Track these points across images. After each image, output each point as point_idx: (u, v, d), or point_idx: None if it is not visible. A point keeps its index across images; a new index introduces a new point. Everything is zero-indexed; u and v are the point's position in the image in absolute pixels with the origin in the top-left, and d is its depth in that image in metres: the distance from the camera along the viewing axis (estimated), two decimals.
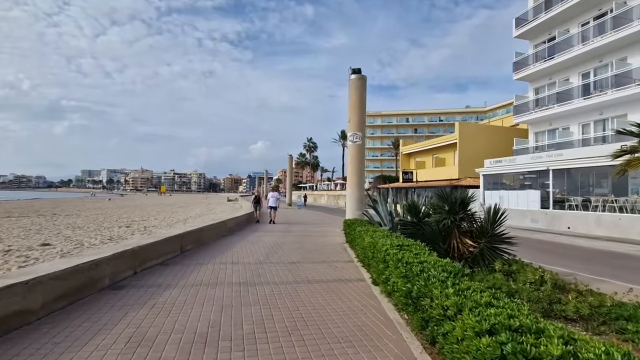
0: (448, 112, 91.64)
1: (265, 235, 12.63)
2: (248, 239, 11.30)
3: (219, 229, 11.50)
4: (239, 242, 10.67)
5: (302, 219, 21.64)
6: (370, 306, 4.79)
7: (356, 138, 14.09)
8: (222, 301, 4.77)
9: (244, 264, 7.44)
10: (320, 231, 14.58)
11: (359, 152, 14.12)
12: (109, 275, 5.25)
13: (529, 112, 24.51)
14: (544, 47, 24.13)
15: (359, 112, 14.13)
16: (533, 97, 24.94)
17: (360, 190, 14.11)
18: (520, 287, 5.16)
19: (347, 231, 10.24)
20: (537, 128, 24.82)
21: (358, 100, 14.16)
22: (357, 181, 13.99)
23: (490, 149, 27.27)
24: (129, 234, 14.23)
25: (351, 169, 14.07)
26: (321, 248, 9.85)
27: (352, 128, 14.12)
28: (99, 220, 20.94)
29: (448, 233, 6.83)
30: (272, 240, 11.29)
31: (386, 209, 9.91)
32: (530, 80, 25.14)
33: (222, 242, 10.41)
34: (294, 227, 16.16)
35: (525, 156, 21.31)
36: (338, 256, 8.69)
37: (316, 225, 17.13)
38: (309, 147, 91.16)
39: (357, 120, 14.12)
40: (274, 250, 9.31)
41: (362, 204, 14.19)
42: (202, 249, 9.08)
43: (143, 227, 16.72)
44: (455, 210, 6.79)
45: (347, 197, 14.12)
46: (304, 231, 14.42)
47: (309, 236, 12.66)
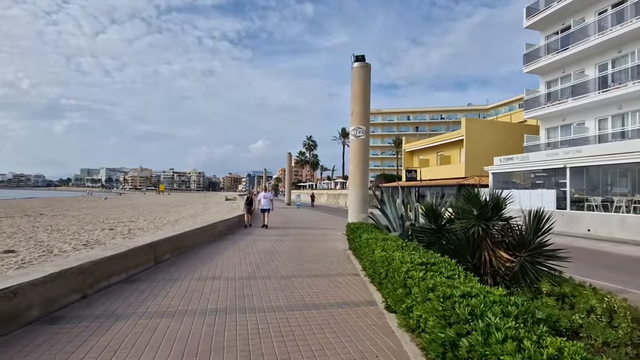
0: (450, 109, 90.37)
1: (259, 240, 11.34)
2: (239, 245, 10.01)
3: (206, 234, 10.22)
4: (227, 248, 9.37)
5: (301, 219, 20.36)
6: (388, 349, 3.51)
7: (359, 132, 12.79)
8: (185, 344, 3.48)
9: (228, 279, 6.15)
10: (320, 234, 13.29)
11: (363, 148, 12.84)
12: (41, 304, 3.97)
13: (540, 107, 23.21)
14: (556, 38, 22.82)
15: (362, 103, 12.83)
16: (545, 91, 23.65)
17: (364, 190, 12.82)
18: (586, 321, 3.87)
19: (350, 237, 8.96)
20: (549, 124, 23.52)
21: (361, 90, 12.87)
22: (360, 180, 12.71)
23: (498, 146, 25.96)
24: (109, 238, 12.94)
25: (354, 166, 12.79)
26: (321, 256, 8.57)
27: (354, 121, 12.83)
28: (85, 221, 19.66)
29: (477, 243, 5.54)
30: (266, 246, 10.00)
31: (395, 212, 8.63)
32: (542, 73, 23.83)
33: (208, 249, 9.12)
34: (291, 230, 14.87)
35: (539, 153, 20.01)
36: (341, 267, 7.41)
37: (316, 228, 15.84)
38: (309, 146, 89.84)
39: (360, 112, 12.83)
40: (267, 259, 8.03)
41: (366, 204, 12.91)
42: (183, 258, 7.79)
43: (127, 230, 15.44)
44: (487, 215, 5.51)
45: (349, 198, 12.84)
46: (302, 235, 13.13)
47: (307, 241, 11.37)
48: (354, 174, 12.78)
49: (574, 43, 20.75)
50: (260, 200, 15.26)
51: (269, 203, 15.16)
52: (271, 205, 15.42)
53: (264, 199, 15.13)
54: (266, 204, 15.06)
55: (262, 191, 15.68)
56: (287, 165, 44.84)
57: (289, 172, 44.83)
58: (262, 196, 15.42)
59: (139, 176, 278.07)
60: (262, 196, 15.42)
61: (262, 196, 15.38)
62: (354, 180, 12.77)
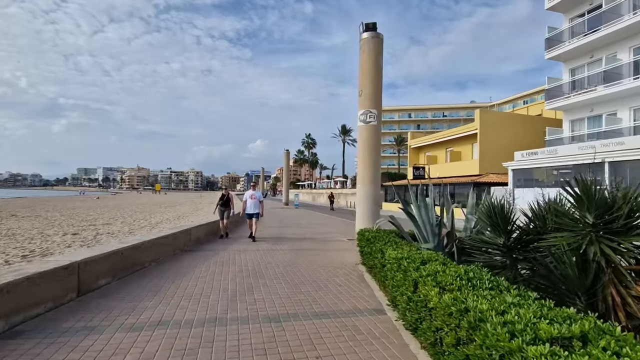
0: (452, 107, 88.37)
1: (244, 252, 9.03)
2: (216, 259, 7.70)
3: (176, 243, 7.92)
4: (198, 265, 7.06)
5: (299, 222, 18.07)
6: None
7: (370, 117, 10.50)
8: None
9: (180, 326, 3.85)
10: (322, 241, 10.97)
11: (374, 136, 10.54)
12: None
13: (565, 97, 20.94)
14: (582, 20, 20.55)
15: (373, 81, 10.55)
16: (568, 79, 21.38)
17: (376, 188, 10.53)
18: None
19: (365, 249, 6.66)
20: (574, 115, 21.26)
21: (372, 65, 10.58)
22: (371, 175, 10.42)
23: (515, 141, 23.68)
24: (64, 246, 10.64)
25: (363, 159, 10.51)
26: (325, 276, 6.27)
27: (364, 103, 10.54)
28: (54, 224, 17.33)
29: (596, 273, 3.26)
30: (251, 260, 7.69)
31: (427, 215, 6.35)
32: (565, 59, 21.57)
33: (172, 266, 6.81)
34: (287, 235, 12.55)
35: (570, 146, 17.72)
36: (354, 296, 5.12)
37: (316, 233, 13.53)
38: (308, 144, 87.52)
39: (371, 92, 10.54)
40: (250, 283, 5.72)
41: (378, 206, 10.61)
42: (129, 283, 5.48)
43: (94, 235, 13.12)
44: (613, 224, 3.24)
45: (357, 198, 10.60)
46: (299, 242, 10.81)
47: (306, 251, 9.06)
48: (364, 168, 10.49)
49: (606, 23, 18.48)
50: (246, 202, 11.04)
51: (257, 206, 11.13)
52: (261, 209, 11.39)
53: (251, 200, 11.00)
54: (254, 206, 11.02)
55: (251, 189, 11.53)
56: (285, 163, 42.53)
57: (286, 170, 42.50)
58: (248, 196, 11.17)
59: (136, 176, 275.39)
60: (248, 196, 11.17)
61: (249, 196, 11.15)
62: (364, 176, 10.48)
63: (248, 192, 11.38)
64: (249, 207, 11.00)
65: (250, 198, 11.08)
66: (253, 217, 10.98)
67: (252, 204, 11.03)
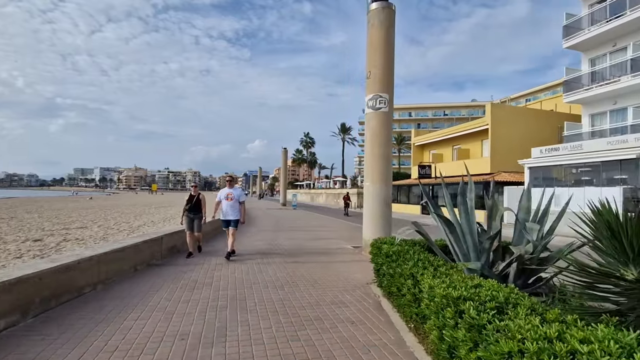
0: (453, 105, 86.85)
1: (227, 266, 7.35)
2: (188, 278, 6.00)
3: (138, 257, 6.21)
4: (162, 288, 5.35)
5: (296, 224, 16.40)
6: None
7: (380, 102, 8.83)
8: None
9: None
10: (323, 251, 9.28)
11: (385, 125, 8.88)
12: None
13: (585, 89, 19.32)
14: (602, 5, 18.94)
15: (384, 60, 8.88)
16: (588, 70, 19.77)
17: (387, 187, 8.87)
18: None
19: (381, 267, 4.96)
20: (595, 108, 19.65)
21: (383, 41, 8.91)
22: (381, 171, 8.76)
23: (529, 137, 22.08)
24: (13, 257, 8.93)
25: (372, 153, 8.84)
26: (330, 307, 4.58)
27: (373, 87, 8.88)
28: (26, 227, 15.62)
29: None
30: (234, 280, 6.00)
31: (468, 224, 4.69)
32: (585, 49, 19.95)
33: (123, 290, 5.11)
34: (281, 242, 10.87)
35: (598, 141, 16.04)
36: (375, 343, 3.44)
37: (316, 239, 11.85)
38: (306, 143, 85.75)
39: (381, 74, 8.88)
40: (224, 321, 4.03)
41: (389, 207, 8.95)
42: (45, 324, 3.79)
43: (59, 241, 11.41)
44: None
45: (365, 199, 8.93)
46: (296, 251, 9.12)
47: (303, 265, 7.37)
48: (372, 163, 8.82)
49: (633, 8, 16.87)
50: (220, 203, 7.90)
51: (236, 209, 7.85)
52: (241, 213, 7.97)
53: (227, 202, 7.83)
54: (231, 210, 7.83)
55: (227, 185, 8.17)
56: (282, 162, 40.81)
57: (284, 169, 40.78)
58: (222, 195, 7.90)
59: (134, 176, 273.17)
60: (222, 195, 7.90)
61: (224, 195, 7.88)
62: (372, 172, 8.81)
63: (222, 191, 7.99)
64: (225, 211, 7.80)
65: (226, 199, 7.77)
66: (230, 226, 7.81)
67: (228, 206, 7.76)
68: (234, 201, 7.84)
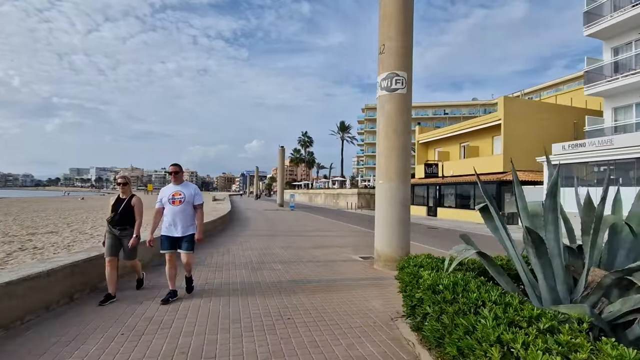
0: (453, 104, 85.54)
1: (191, 299, 5.70)
2: (122, 324, 4.36)
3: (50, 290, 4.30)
4: (68, 351, 3.71)
5: (293, 228, 14.75)
6: None
7: (396, 82, 7.19)
8: None
9: None
10: (324, 264, 7.61)
11: (403, 110, 7.23)
12: None
13: (608, 80, 17.77)
14: None
15: (401, 31, 7.24)
16: (611, 60, 18.23)
17: (405, 185, 7.22)
18: None
19: (420, 304, 3.32)
20: (618, 102, 18.11)
21: (399, 9, 7.26)
22: (398, 166, 7.11)
23: (544, 133, 20.52)
24: None
25: (386, 144, 7.20)
26: None
27: (387, 63, 7.24)
28: None
29: None
30: (200, 321, 4.35)
31: (556, 239, 3.07)
32: (607, 37, 18.40)
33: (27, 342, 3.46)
34: (276, 251, 9.22)
35: (634, 135, 14.37)
36: None
37: (316, 247, 10.20)
38: (304, 142, 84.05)
39: (397, 47, 7.25)
40: None
41: (407, 211, 7.31)
42: None
43: (12, 250, 9.68)
44: None
45: (378, 199, 7.28)
46: (293, 264, 7.45)
47: (303, 287, 5.71)
48: (387, 156, 7.18)
49: None
50: (161, 211, 4.80)
51: (188, 218, 4.78)
52: (198, 224, 4.87)
53: (172, 207, 4.71)
54: (180, 219, 4.71)
55: (171, 182, 4.89)
56: (279, 161, 39.14)
57: (281, 168, 39.09)
58: (166, 196, 4.76)
59: (130, 176, 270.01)
60: (166, 196, 4.76)
61: (167, 196, 4.75)
62: (387, 168, 7.17)
63: (166, 189, 4.90)
64: (169, 222, 4.70)
65: (171, 201, 4.71)
66: (182, 248, 4.73)
67: (175, 214, 4.68)
68: (184, 205, 4.69)
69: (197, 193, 4.90)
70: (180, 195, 4.75)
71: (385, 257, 7.04)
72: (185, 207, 4.75)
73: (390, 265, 6.95)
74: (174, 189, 4.82)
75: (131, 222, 4.80)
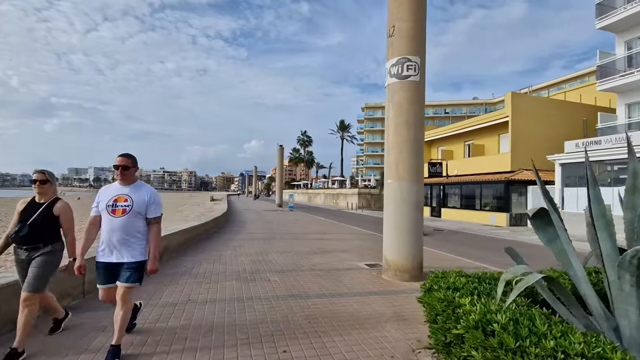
0: (454, 103, 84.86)
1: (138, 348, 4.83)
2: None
3: None
4: None
5: (292, 230, 13.91)
6: None
7: (408, 68, 6.36)
8: None
9: None
10: (326, 274, 6.76)
11: (415, 99, 6.40)
12: None
13: (622, 74, 16.98)
14: None
15: (413, 10, 6.40)
16: (624, 54, 17.44)
17: (418, 185, 6.39)
18: None
19: (462, 342, 2.52)
20: (632, 97, 17.32)
21: None
22: (410, 163, 6.28)
23: (551, 131, 19.73)
24: None
25: (396, 138, 6.37)
26: None
27: (397, 47, 6.42)
28: None
29: None
30: None
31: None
32: (620, 29, 17.62)
33: None
34: (272, 257, 8.38)
35: None
36: None
37: (316, 252, 9.36)
38: (303, 142, 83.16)
39: (409, 28, 6.42)
40: None
41: (420, 213, 6.48)
42: None
43: None
44: None
45: (386, 201, 6.44)
46: (291, 274, 6.60)
47: (302, 304, 4.87)
48: (398, 152, 6.35)
49: None
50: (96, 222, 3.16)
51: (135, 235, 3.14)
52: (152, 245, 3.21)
53: (112, 218, 3.06)
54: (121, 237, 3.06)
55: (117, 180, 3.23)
56: (278, 160, 38.31)
57: (280, 168, 38.24)
58: (103, 202, 3.13)
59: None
60: (103, 202, 3.13)
61: (106, 200, 3.13)
62: (397, 165, 6.34)
63: (107, 190, 3.25)
64: (105, 243, 3.10)
65: (111, 210, 3.10)
66: (121, 278, 3.08)
67: (112, 228, 3.07)
68: (129, 216, 3.11)
69: (154, 201, 3.23)
70: (125, 202, 3.11)
71: (395, 266, 6.21)
72: (130, 220, 3.09)
73: (401, 275, 6.13)
74: (118, 190, 3.18)
75: (49, 239, 3.22)
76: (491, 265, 7.85)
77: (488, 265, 7.90)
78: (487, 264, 8.09)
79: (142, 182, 3.38)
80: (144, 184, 3.39)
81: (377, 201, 37.96)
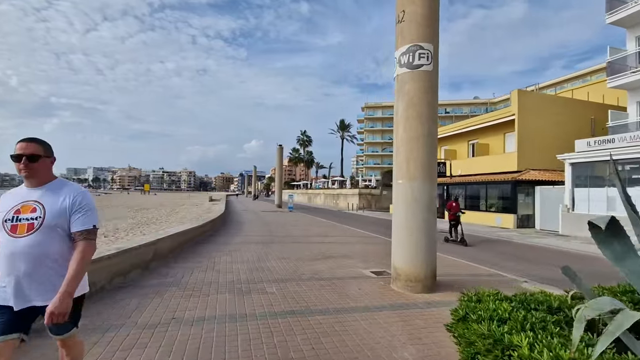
0: (454, 103, 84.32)
1: None
2: None
3: None
4: None
5: (292, 233, 13.30)
6: None
7: (421, 57, 5.75)
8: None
9: None
10: (329, 283, 6.15)
11: (428, 90, 5.77)
12: None
13: (631, 72, 16.38)
14: None
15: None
16: (635, 49, 16.86)
17: (432, 186, 5.78)
18: None
19: None
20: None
21: None
22: (422, 161, 5.65)
23: (558, 130, 19.15)
24: None
25: (406, 133, 5.75)
26: None
27: (408, 34, 5.81)
28: None
29: None
30: None
31: None
32: (631, 24, 17.03)
33: None
34: (270, 264, 7.77)
35: None
36: None
37: (318, 258, 8.75)
38: (303, 142, 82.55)
39: (422, 13, 5.82)
40: None
41: (434, 216, 5.87)
42: None
43: None
44: None
45: (395, 202, 5.83)
46: (290, 284, 5.99)
47: (302, 323, 4.26)
48: (408, 148, 5.73)
49: None
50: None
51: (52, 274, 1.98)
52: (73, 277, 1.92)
53: (11, 239, 1.94)
54: (29, 276, 1.94)
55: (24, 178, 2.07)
56: (278, 160, 37.69)
57: (279, 168, 37.62)
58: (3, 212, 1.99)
59: (127, 176, 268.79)
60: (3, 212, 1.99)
61: (5, 214, 1.99)
62: (408, 163, 5.73)
63: (8, 196, 2.10)
64: (8, 276, 1.94)
65: (9, 229, 1.96)
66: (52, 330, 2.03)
67: (13, 253, 1.94)
68: (40, 232, 1.99)
69: (81, 206, 2.09)
70: (32, 213, 2.02)
71: (406, 275, 5.60)
72: (42, 240, 1.99)
73: (413, 286, 5.52)
74: (24, 196, 2.08)
75: None
76: (507, 273, 7.25)
77: (504, 272, 7.30)
78: (503, 271, 7.49)
79: (65, 179, 2.25)
80: (67, 182, 2.20)
81: (378, 201, 37.36)
